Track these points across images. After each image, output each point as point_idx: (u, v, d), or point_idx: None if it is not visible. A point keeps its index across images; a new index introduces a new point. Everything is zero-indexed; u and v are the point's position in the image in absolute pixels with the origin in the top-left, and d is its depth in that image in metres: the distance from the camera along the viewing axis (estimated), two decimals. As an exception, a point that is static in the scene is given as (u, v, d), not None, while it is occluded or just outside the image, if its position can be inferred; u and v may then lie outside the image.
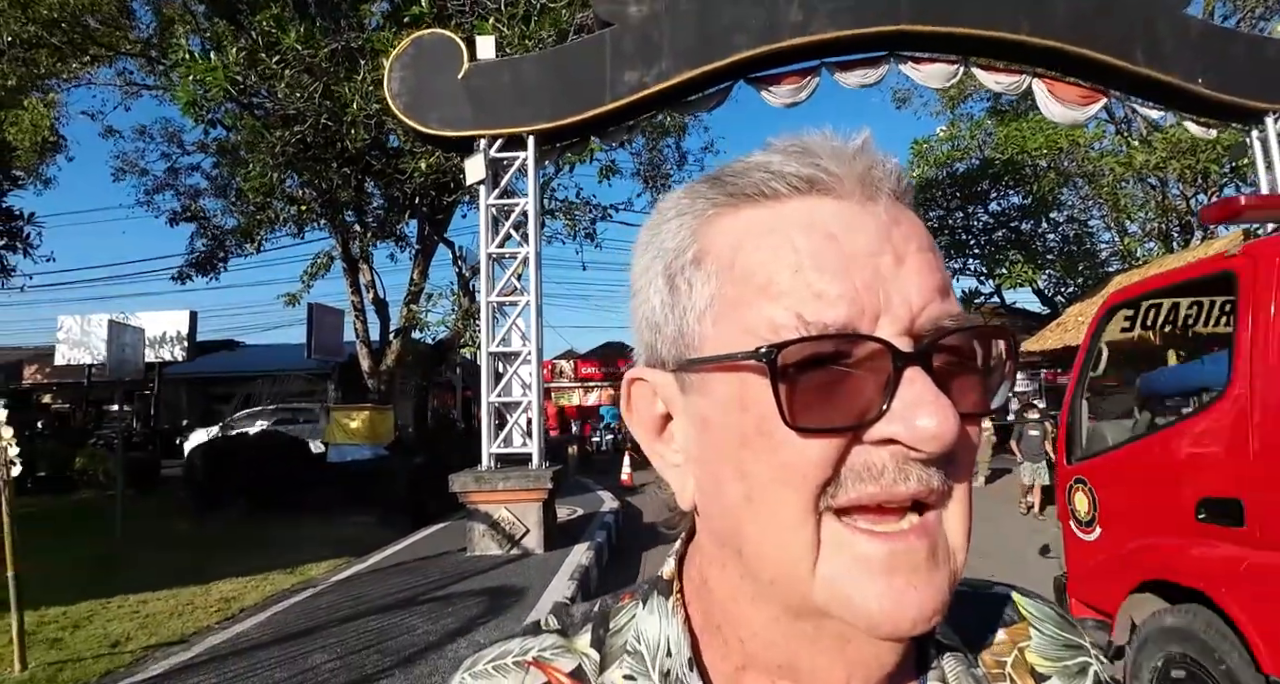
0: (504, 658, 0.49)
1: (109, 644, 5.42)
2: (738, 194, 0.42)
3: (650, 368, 0.45)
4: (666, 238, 0.44)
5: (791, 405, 0.37)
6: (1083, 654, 0.53)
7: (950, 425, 0.37)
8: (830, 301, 0.38)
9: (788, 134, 0.44)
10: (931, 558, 0.39)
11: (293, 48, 11.05)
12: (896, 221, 0.41)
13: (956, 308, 0.41)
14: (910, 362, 0.38)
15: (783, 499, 0.39)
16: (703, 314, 0.42)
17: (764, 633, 0.44)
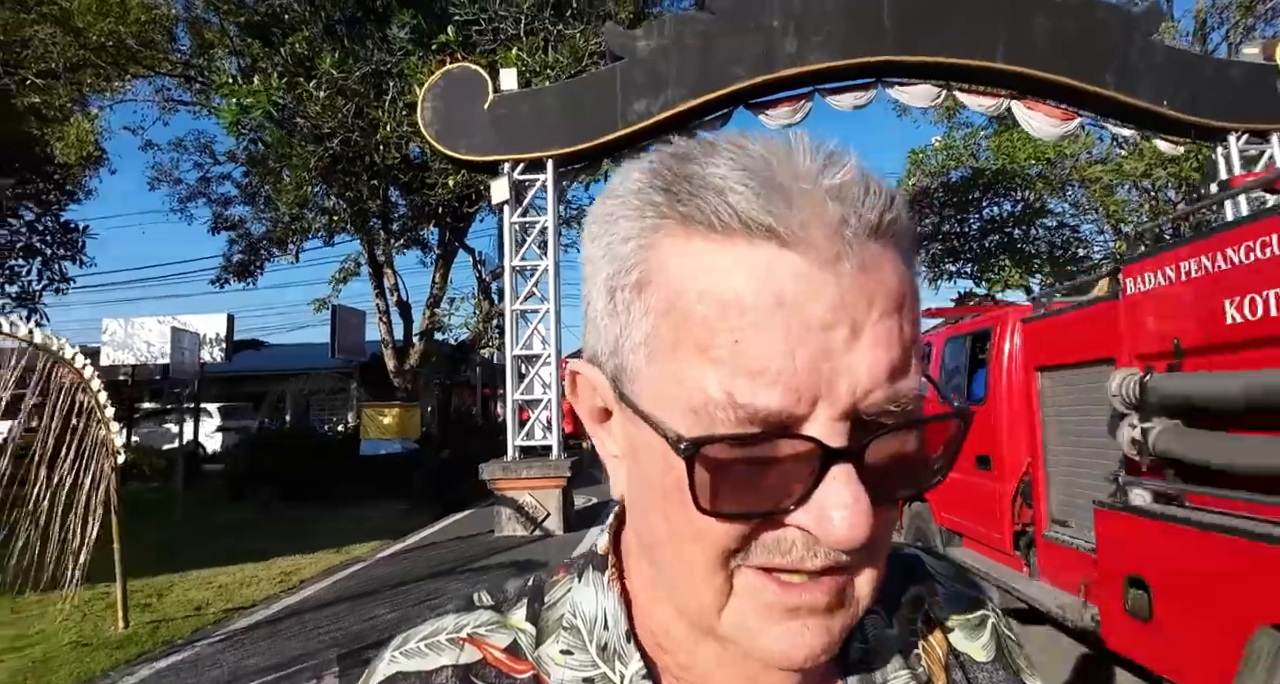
0: (437, 635, 0.48)
1: (193, 608, 6.33)
2: (688, 217, 0.38)
3: (591, 364, 0.44)
4: (615, 240, 0.41)
5: (707, 492, 0.36)
6: (981, 607, 0.56)
7: (860, 532, 0.36)
8: (766, 384, 0.35)
9: (760, 138, 0.40)
10: (833, 607, 0.39)
11: (328, 72, 11.96)
12: (865, 277, 0.37)
13: (909, 385, 0.38)
14: (838, 459, 0.36)
15: (695, 554, 0.39)
16: (638, 346, 0.39)
17: (676, 634, 0.45)
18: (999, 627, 0.56)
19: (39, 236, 12.54)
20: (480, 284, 16.30)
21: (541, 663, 0.46)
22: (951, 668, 0.52)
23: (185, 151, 19.46)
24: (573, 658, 0.46)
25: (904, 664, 0.50)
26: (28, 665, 5.00)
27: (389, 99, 12.45)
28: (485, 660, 0.47)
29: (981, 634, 0.55)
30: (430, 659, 0.46)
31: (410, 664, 0.46)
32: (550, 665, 0.46)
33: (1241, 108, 9.39)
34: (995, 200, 16.29)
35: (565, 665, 0.46)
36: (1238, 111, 9.38)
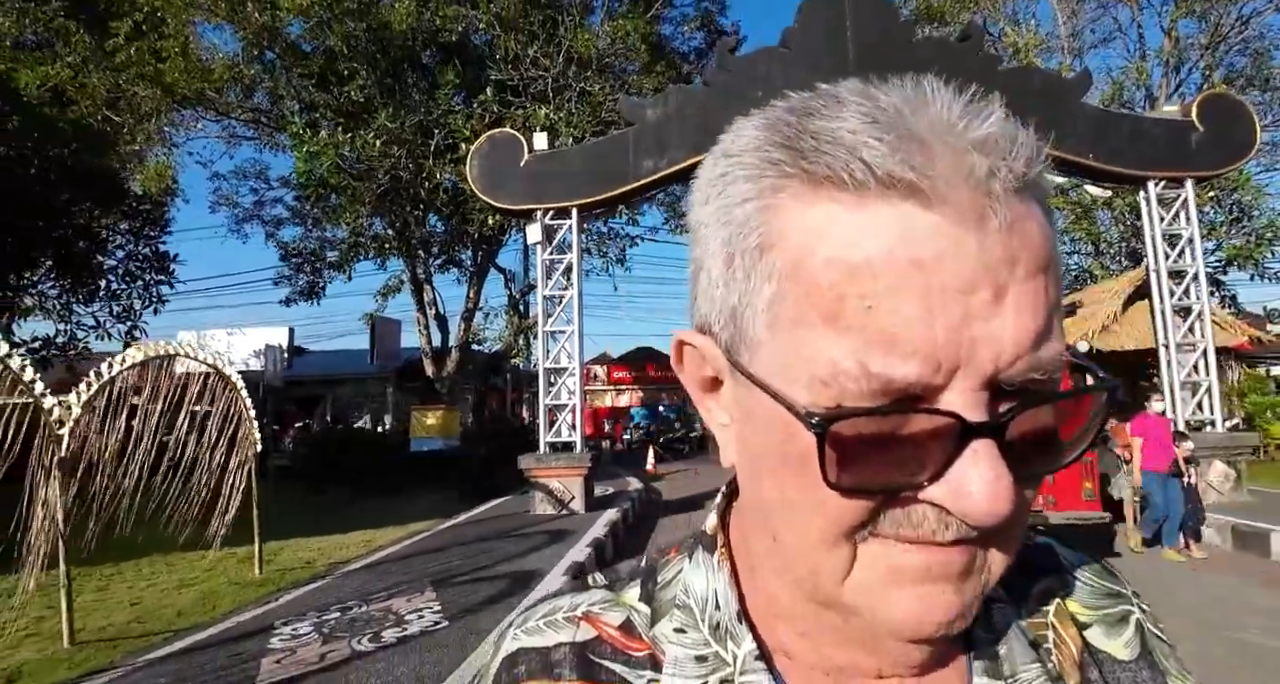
0: (554, 613, 0.50)
1: (303, 562, 8.31)
2: (815, 174, 0.35)
3: (701, 333, 0.42)
4: (732, 201, 0.38)
5: (835, 466, 0.34)
6: (1123, 602, 0.53)
7: (1002, 509, 0.34)
8: (903, 353, 0.33)
9: (892, 88, 0.36)
10: (966, 570, 0.37)
11: (383, 124, 14.01)
12: (1010, 236, 0.34)
13: (1053, 351, 0.35)
14: (978, 434, 0.34)
15: (816, 524, 0.37)
16: (758, 313, 0.37)
17: (791, 607, 0.44)
18: (1144, 624, 0.52)
19: (136, 263, 14.66)
20: (511, 301, 18.30)
21: (656, 641, 0.46)
22: (1087, 666, 0.48)
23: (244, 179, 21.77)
24: (686, 636, 0.46)
25: (1034, 658, 0.46)
26: (201, 595, 6.97)
27: (434, 145, 14.49)
28: (601, 638, 0.48)
29: (1124, 631, 0.51)
30: (549, 636, 0.48)
31: (531, 641, 0.48)
32: (665, 643, 0.46)
33: (1159, 159, 11.03)
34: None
35: (679, 644, 0.46)
36: (1156, 162, 11.03)
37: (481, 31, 14.85)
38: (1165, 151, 11.05)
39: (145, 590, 7.20)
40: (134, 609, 6.52)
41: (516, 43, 14.04)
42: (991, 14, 20.58)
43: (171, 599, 6.83)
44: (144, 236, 14.75)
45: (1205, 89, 18.61)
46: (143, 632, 5.79)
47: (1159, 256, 11.04)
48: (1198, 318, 10.95)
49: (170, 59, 15.29)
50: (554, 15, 14.23)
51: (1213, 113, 11.06)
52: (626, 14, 16.29)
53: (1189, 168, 11.08)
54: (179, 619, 6.11)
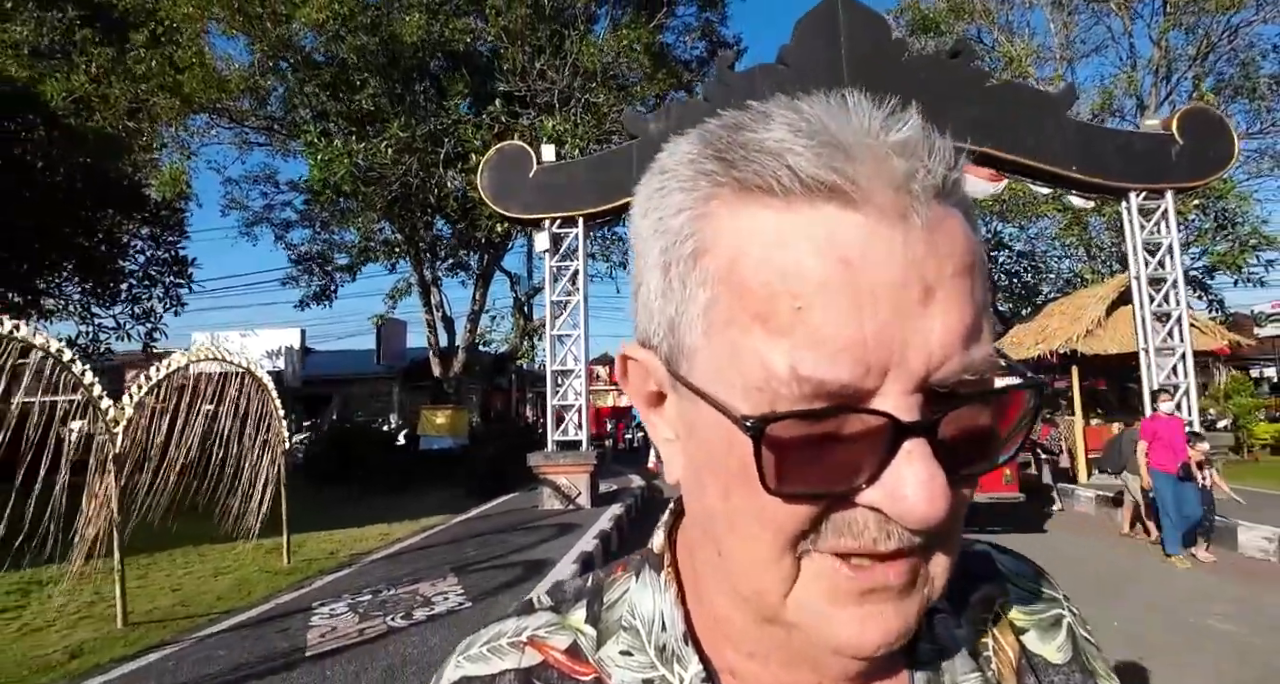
0: (499, 639, 0.49)
1: (327, 553, 8.80)
2: (745, 182, 0.36)
3: (643, 347, 0.43)
4: (667, 213, 0.39)
5: (773, 471, 0.35)
6: (1056, 606, 0.54)
7: (938, 509, 0.34)
8: (832, 354, 0.33)
9: (815, 101, 0.37)
10: (907, 589, 0.38)
11: (395, 133, 14.51)
12: (934, 235, 0.35)
13: (983, 353, 0.36)
14: (911, 434, 0.34)
15: (760, 536, 0.37)
16: (694, 321, 0.38)
17: (739, 624, 0.44)
18: (1075, 628, 0.53)
19: (155, 267, 15.18)
20: (516, 303, 18.82)
21: (603, 664, 0.46)
22: (1024, 671, 0.49)
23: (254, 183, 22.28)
24: (632, 659, 0.46)
25: (974, 666, 0.47)
26: (236, 582, 7.48)
27: (444, 153, 14.99)
28: (547, 663, 0.47)
29: (1056, 635, 0.52)
30: (493, 663, 0.48)
31: (474, 669, 0.48)
32: (611, 667, 0.46)
33: (1141, 171, 11.52)
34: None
35: (625, 667, 0.45)
36: (1137, 174, 11.52)
37: (489, 43, 15.35)
38: (1146, 164, 11.54)
39: (183, 578, 7.70)
40: (175, 594, 7.03)
41: (523, 55, 14.55)
42: (986, 24, 21.08)
43: (209, 586, 7.33)
44: (163, 241, 15.27)
45: (1194, 97, 19.14)
46: (187, 614, 6.29)
47: (1139, 264, 11.54)
48: (1176, 323, 11.44)
49: (189, 70, 15.80)
50: (560, 29, 14.73)
51: (1192, 127, 11.55)
52: (630, 24, 16.81)
53: (1169, 179, 11.56)
54: (219, 603, 6.62)
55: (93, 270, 14.39)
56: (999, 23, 21.24)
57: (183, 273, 15.16)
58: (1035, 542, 8.64)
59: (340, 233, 19.54)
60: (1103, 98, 17.94)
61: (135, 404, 6.06)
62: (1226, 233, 16.89)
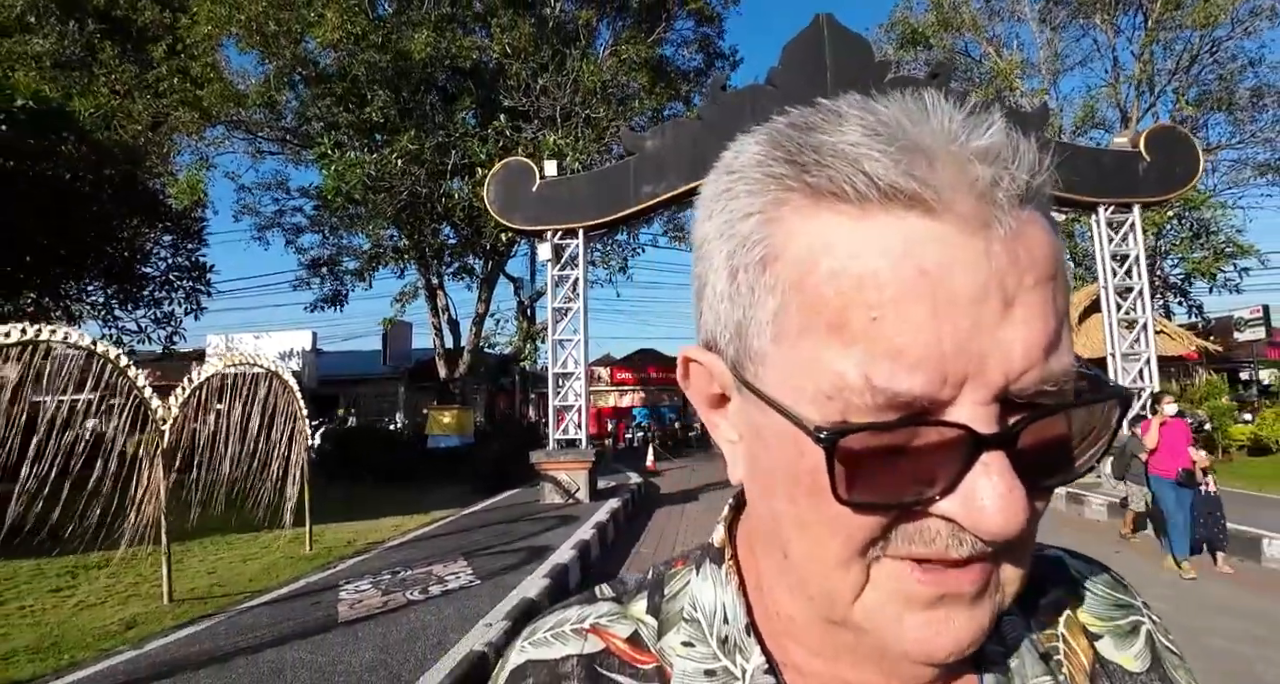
0: (562, 626, 0.50)
1: (345, 542, 9.52)
2: (818, 187, 0.35)
3: (708, 350, 0.42)
4: (735, 216, 0.39)
5: (845, 482, 0.34)
6: (1134, 613, 0.53)
7: (1016, 522, 0.34)
8: (908, 365, 0.33)
9: (892, 101, 0.36)
10: (980, 594, 0.37)
11: (404, 146, 15.24)
12: (1016, 244, 0.34)
13: (1063, 363, 0.35)
14: (989, 446, 0.34)
15: (829, 542, 0.37)
16: (763, 327, 0.37)
17: (803, 625, 0.43)
18: (1155, 635, 0.52)
19: (175, 273, 15.93)
20: (520, 307, 19.54)
21: (664, 654, 0.46)
22: (1098, 676, 0.48)
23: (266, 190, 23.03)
24: (694, 650, 0.46)
25: (1045, 669, 0.46)
26: (265, 567, 8.19)
27: (451, 164, 15.73)
28: (609, 650, 0.48)
29: (1134, 642, 0.51)
30: (556, 648, 0.48)
31: (539, 653, 0.49)
32: (672, 657, 0.46)
33: (1109, 186, 12.22)
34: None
35: (687, 657, 0.46)
36: (1106, 189, 12.22)
37: (495, 59, 16.07)
38: (1115, 180, 12.24)
39: (216, 563, 8.43)
40: (211, 577, 7.75)
41: (527, 72, 15.28)
42: (975, 37, 21.77)
43: (240, 569, 8.06)
44: (183, 248, 16.02)
45: (1176, 109, 19.85)
46: (224, 593, 7.01)
47: (1107, 274, 12.23)
48: (1143, 330, 12.14)
49: (208, 85, 16.56)
50: (562, 48, 15.46)
51: (1159, 144, 12.25)
52: (629, 40, 17.54)
53: (1136, 194, 12.27)
54: (251, 584, 7.33)
55: (117, 276, 15.13)
56: (987, 36, 21.91)
57: (202, 278, 15.90)
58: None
59: (349, 238, 20.28)
60: (1085, 111, 18.63)
61: (181, 404, 6.78)
62: (1202, 242, 17.57)
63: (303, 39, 15.48)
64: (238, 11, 14.98)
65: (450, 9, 16.49)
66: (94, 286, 15.17)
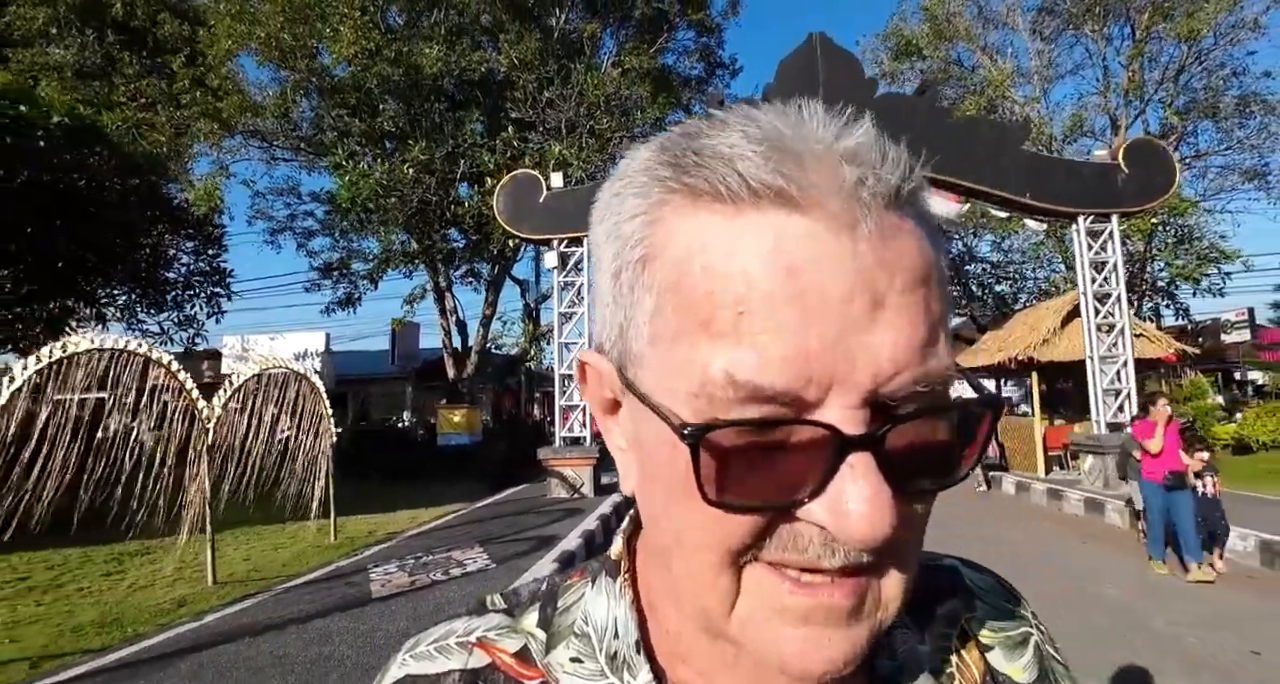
0: (447, 638, 0.48)
1: (365, 533, 10.20)
2: (696, 189, 0.36)
3: (599, 353, 0.43)
4: (623, 218, 0.40)
5: (713, 481, 0.34)
6: (1024, 625, 0.54)
7: (881, 529, 0.33)
8: (773, 362, 0.33)
9: (771, 110, 0.37)
10: (855, 612, 0.36)
11: (416, 156, 15.91)
12: (885, 246, 0.34)
13: (937, 367, 0.35)
14: (855, 447, 0.33)
15: (703, 551, 0.37)
16: (640, 328, 0.38)
17: (689, 639, 0.43)
18: (1042, 646, 0.53)
19: (197, 278, 16.63)
20: (526, 310, 20.24)
21: (551, 670, 0.46)
22: None
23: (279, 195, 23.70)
24: (582, 666, 0.45)
25: (935, 683, 0.47)
26: (295, 554, 8.87)
27: (460, 172, 16.40)
28: (495, 665, 0.46)
29: (1023, 654, 0.52)
30: (439, 662, 0.47)
31: (419, 667, 0.47)
32: (559, 673, 0.45)
33: (1088, 197, 12.82)
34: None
35: (574, 674, 0.45)
36: (1085, 200, 12.82)
37: (502, 72, 16.74)
38: (1093, 191, 12.83)
39: (250, 551, 9.12)
40: (247, 563, 8.43)
41: (533, 85, 15.94)
42: (969, 46, 22.34)
43: (273, 556, 8.74)
44: (204, 254, 16.72)
45: (1164, 117, 20.43)
46: (261, 577, 7.68)
47: (1086, 281, 12.85)
48: (1120, 334, 12.75)
49: (226, 96, 17.26)
50: (567, 63, 16.11)
51: (1136, 157, 12.84)
52: (632, 51, 18.20)
53: (1114, 205, 12.86)
54: (285, 569, 8.01)
55: (141, 281, 15.83)
56: (981, 44, 22.47)
57: (222, 282, 16.59)
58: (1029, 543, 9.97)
59: (359, 241, 20.97)
60: (1073, 121, 19.23)
61: (223, 404, 7.46)
62: (1186, 248, 18.16)
63: (318, 53, 16.15)
64: (257, 27, 15.65)
65: (459, 19, 17.14)
66: (120, 290, 15.84)
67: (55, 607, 6.79)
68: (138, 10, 20.31)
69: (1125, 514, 10.30)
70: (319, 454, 9.33)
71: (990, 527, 10.22)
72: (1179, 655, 5.24)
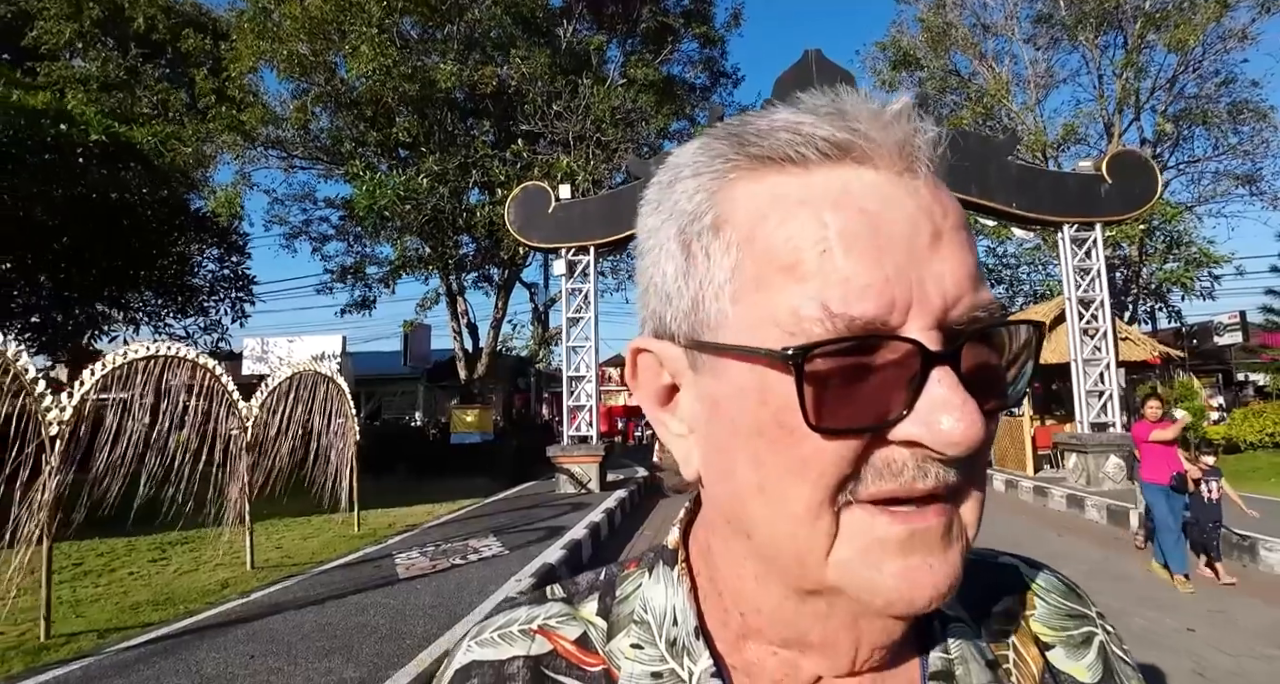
0: (510, 626, 0.50)
1: (386, 524, 10.91)
2: (761, 157, 0.39)
3: (658, 338, 0.44)
4: (681, 198, 0.42)
5: (815, 405, 0.36)
6: (1088, 623, 0.54)
7: (976, 431, 0.36)
8: (859, 291, 0.36)
9: (808, 95, 0.41)
10: (946, 535, 0.39)
11: (430, 167, 16.64)
12: (935, 195, 0.39)
13: (988, 295, 0.39)
14: (938, 361, 0.36)
15: (799, 492, 0.38)
16: (720, 289, 0.39)
17: (770, 611, 0.43)
18: (1108, 646, 0.53)
19: (221, 284, 17.44)
20: (535, 313, 20.96)
21: (612, 656, 0.47)
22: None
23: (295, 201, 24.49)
24: (642, 652, 0.46)
25: (992, 678, 0.47)
26: (322, 544, 9.58)
27: (472, 181, 17.11)
28: (556, 652, 0.48)
29: (1086, 653, 0.52)
30: (503, 649, 0.48)
31: (484, 653, 0.49)
32: (620, 659, 0.46)
33: (1073, 207, 13.39)
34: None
35: (635, 660, 0.46)
36: (1070, 209, 13.39)
37: (513, 86, 17.44)
38: (1078, 201, 13.41)
39: (280, 540, 9.84)
40: (279, 551, 9.15)
41: (542, 98, 16.65)
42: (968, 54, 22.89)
43: (302, 545, 9.46)
44: (228, 261, 17.54)
45: (1158, 124, 20.94)
46: (294, 563, 8.39)
47: (1071, 286, 13.43)
48: (1103, 337, 13.33)
49: (248, 109, 18.03)
50: (575, 78, 16.81)
51: (1119, 168, 13.41)
52: (638, 62, 18.88)
53: (1098, 214, 13.43)
54: (315, 556, 8.71)
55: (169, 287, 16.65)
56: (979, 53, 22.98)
57: (245, 288, 17.38)
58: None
59: (372, 246, 21.73)
60: (1065, 130, 19.77)
61: (260, 404, 8.18)
62: (1176, 253, 18.68)
63: (337, 67, 16.89)
64: (280, 44, 16.41)
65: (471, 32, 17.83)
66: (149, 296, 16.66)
67: (111, 588, 7.52)
68: (159, 24, 21.16)
69: (1103, 510, 10.90)
70: (345, 451, 10.04)
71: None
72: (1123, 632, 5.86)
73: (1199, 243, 18.51)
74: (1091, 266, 13.49)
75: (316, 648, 4.85)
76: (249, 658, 4.71)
